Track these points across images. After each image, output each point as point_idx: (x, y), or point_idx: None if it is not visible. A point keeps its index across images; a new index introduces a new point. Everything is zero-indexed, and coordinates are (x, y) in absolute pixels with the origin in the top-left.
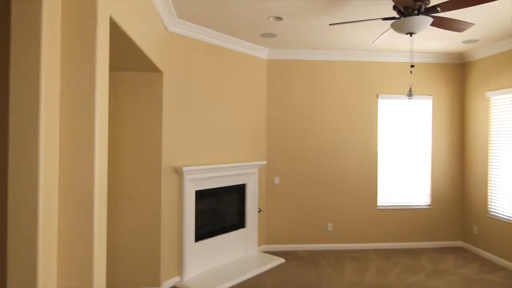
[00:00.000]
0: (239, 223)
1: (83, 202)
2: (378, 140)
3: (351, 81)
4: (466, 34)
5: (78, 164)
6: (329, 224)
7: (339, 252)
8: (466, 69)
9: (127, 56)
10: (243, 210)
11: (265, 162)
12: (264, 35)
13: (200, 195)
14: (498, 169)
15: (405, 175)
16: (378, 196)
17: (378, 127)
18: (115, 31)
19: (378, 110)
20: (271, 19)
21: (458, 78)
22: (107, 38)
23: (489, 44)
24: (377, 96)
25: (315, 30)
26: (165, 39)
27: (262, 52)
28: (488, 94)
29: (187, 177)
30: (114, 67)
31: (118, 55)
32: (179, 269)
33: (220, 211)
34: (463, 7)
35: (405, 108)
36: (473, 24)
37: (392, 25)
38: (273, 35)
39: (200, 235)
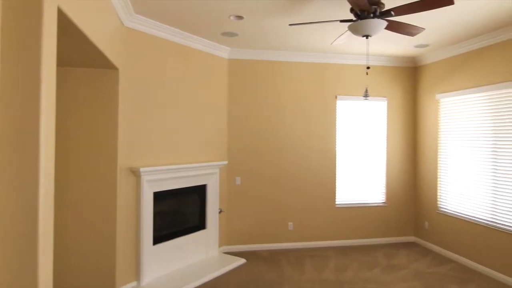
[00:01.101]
0: (200, 225)
1: (27, 205)
2: (336, 140)
3: (311, 82)
4: (418, 39)
5: (21, 165)
6: (290, 223)
7: (299, 250)
8: (418, 72)
9: (78, 51)
10: (204, 211)
11: (226, 162)
12: (225, 34)
13: (159, 196)
14: (446, 167)
15: (362, 174)
16: (336, 194)
17: (336, 127)
18: (64, 23)
19: (337, 111)
20: (231, 17)
21: (411, 81)
22: (54, 30)
23: (439, 49)
24: (336, 97)
25: (276, 30)
26: (122, 34)
27: (223, 51)
28: (438, 96)
29: (144, 178)
30: (64, 62)
31: (69, 50)
32: (137, 273)
33: (180, 213)
34: (414, 12)
35: (362, 109)
36: (424, 29)
37: (349, 27)
38: (234, 34)
39: (159, 238)
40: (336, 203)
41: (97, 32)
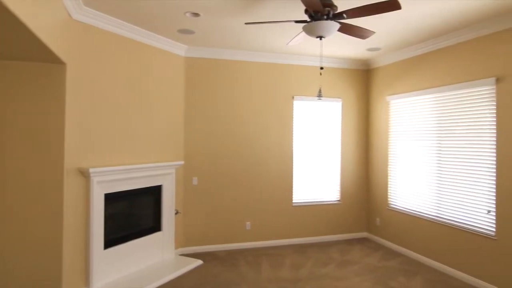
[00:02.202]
0: (155, 226)
1: None
2: (293, 140)
3: (269, 82)
4: (370, 43)
5: None
6: (247, 222)
7: (257, 250)
8: (370, 74)
9: (18, 43)
10: (159, 213)
11: (182, 162)
12: (182, 31)
13: (111, 198)
14: (396, 166)
15: (318, 173)
16: (293, 193)
17: (293, 127)
18: (0, 11)
19: (294, 111)
20: (187, 14)
21: (364, 83)
22: None
23: (390, 53)
24: (293, 97)
25: (233, 29)
26: (70, 27)
27: (180, 49)
28: (388, 98)
29: (94, 179)
30: (1, 55)
31: (5, 41)
32: (86, 279)
33: (134, 215)
34: (364, 15)
35: (318, 109)
36: (374, 32)
37: (304, 28)
38: (191, 32)
39: (110, 242)
40: (293, 202)
41: (39, 22)
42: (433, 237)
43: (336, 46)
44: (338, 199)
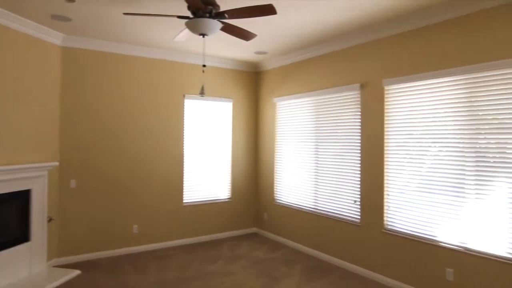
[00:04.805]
0: (22, 237)
1: None
2: (184, 139)
3: (159, 80)
4: (257, 46)
5: None
6: (134, 226)
7: (145, 253)
8: (259, 77)
9: None
10: (27, 221)
11: (57, 163)
12: (56, 17)
13: None
14: (281, 163)
15: (209, 172)
16: (184, 193)
17: (184, 126)
18: None
19: (185, 110)
20: None
21: (254, 85)
22: None
23: (276, 57)
24: (184, 96)
25: (113, 19)
26: None
27: (55, 37)
28: (275, 100)
29: None
30: None
31: None
32: None
33: None
34: (244, 17)
35: (209, 109)
36: (256, 35)
37: (186, 24)
38: (66, 19)
39: None
40: (184, 201)
41: None
42: (311, 227)
43: (225, 47)
44: (229, 196)
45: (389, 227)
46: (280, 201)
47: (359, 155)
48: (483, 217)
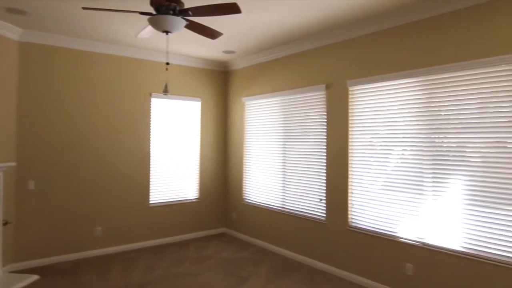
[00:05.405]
0: None
1: None
2: (151, 139)
3: (124, 77)
4: (225, 45)
5: None
6: (98, 228)
7: (109, 256)
8: (228, 76)
9: None
10: None
11: (13, 164)
12: (11, 10)
13: None
14: (250, 163)
15: (176, 172)
16: (150, 193)
17: (151, 125)
18: None
19: (151, 109)
20: None
21: (223, 84)
22: None
23: (244, 57)
24: (151, 94)
25: (72, 14)
26: None
27: (11, 32)
28: (244, 99)
29: None
30: None
31: None
32: None
33: None
34: (208, 15)
35: (177, 108)
36: (222, 33)
37: (149, 21)
38: (23, 12)
39: None
40: (150, 202)
41: None
42: (279, 226)
43: (193, 45)
44: (197, 197)
45: (353, 224)
46: (249, 201)
47: (325, 154)
48: (440, 214)
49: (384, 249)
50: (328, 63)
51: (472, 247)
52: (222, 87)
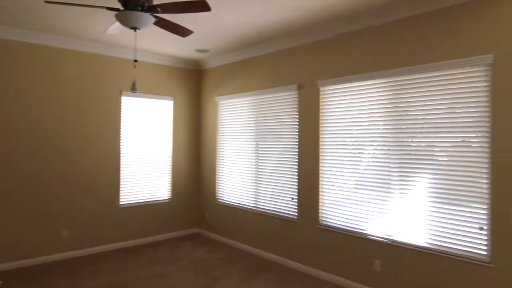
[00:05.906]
0: None
1: None
2: (121, 138)
3: (92, 75)
4: (197, 43)
5: None
6: (64, 231)
7: (76, 259)
8: (202, 75)
9: None
10: None
11: None
12: None
13: None
14: (223, 162)
15: (148, 172)
16: (121, 194)
17: (121, 124)
18: None
19: (122, 107)
20: None
21: (196, 83)
22: None
23: (218, 56)
24: (121, 93)
25: (36, 8)
26: None
27: None
28: (217, 98)
29: None
30: None
31: None
32: None
33: None
34: (177, 12)
35: (148, 107)
36: (193, 31)
37: (116, 17)
38: None
39: None
40: (120, 203)
41: None
42: (252, 226)
43: (165, 43)
44: (169, 197)
45: (323, 222)
46: (222, 201)
47: (297, 154)
48: (406, 211)
49: (353, 246)
50: (300, 63)
51: (436, 243)
52: (195, 86)
